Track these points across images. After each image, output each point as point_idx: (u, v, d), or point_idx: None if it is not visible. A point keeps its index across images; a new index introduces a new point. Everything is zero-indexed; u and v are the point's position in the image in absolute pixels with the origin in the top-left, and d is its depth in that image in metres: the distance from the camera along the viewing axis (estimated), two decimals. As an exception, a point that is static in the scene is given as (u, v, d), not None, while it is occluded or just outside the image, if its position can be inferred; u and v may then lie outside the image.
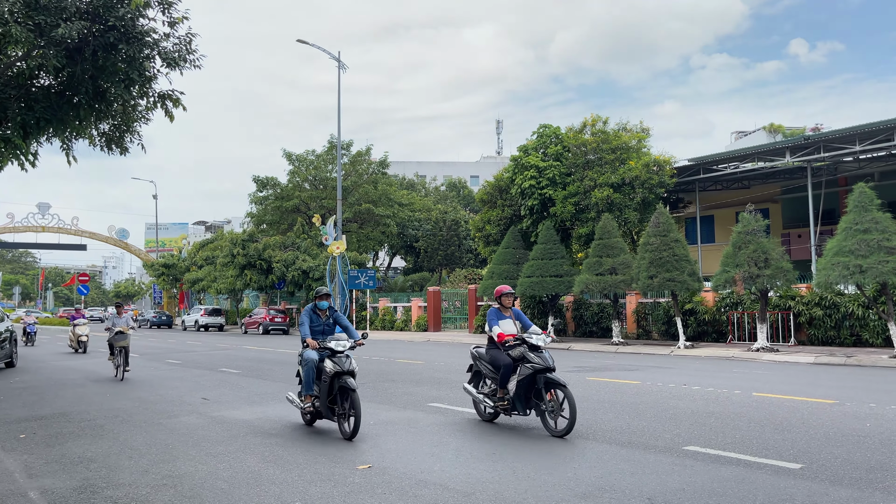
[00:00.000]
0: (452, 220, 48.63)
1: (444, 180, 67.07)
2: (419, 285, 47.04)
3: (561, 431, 7.69)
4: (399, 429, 8.43)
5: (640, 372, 15.05)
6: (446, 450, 7.21)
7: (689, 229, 35.59)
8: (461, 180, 66.34)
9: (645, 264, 22.21)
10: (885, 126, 24.13)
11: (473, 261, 48.60)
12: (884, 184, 29.14)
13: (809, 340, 21.49)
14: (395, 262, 60.73)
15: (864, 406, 9.69)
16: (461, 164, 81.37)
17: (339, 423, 7.95)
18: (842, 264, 17.52)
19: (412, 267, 53.84)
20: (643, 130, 29.12)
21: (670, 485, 5.74)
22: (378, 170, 46.66)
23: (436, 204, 53.00)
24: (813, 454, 6.71)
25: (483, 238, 32.58)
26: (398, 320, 38.39)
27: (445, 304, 37.12)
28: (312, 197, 46.16)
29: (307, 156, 46.88)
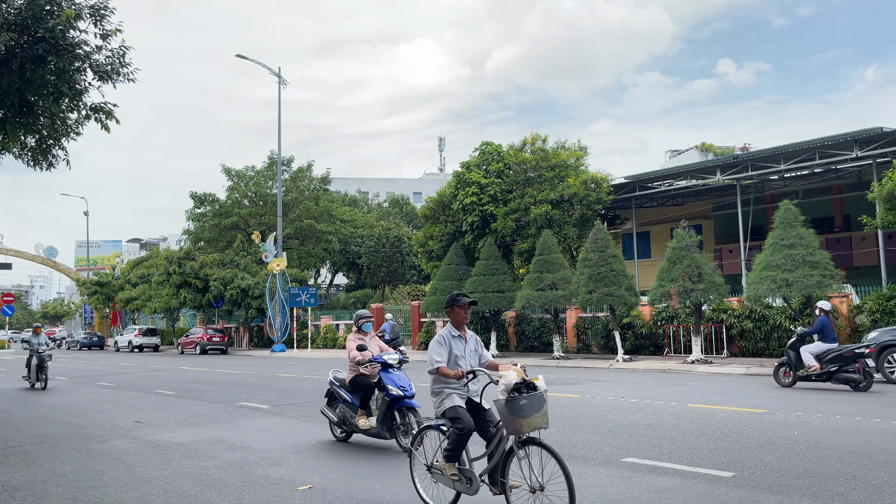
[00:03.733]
0: (395, 237, 48.56)
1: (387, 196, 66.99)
2: (362, 302, 46.70)
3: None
4: (342, 448, 8.33)
5: (580, 386, 15.28)
6: (390, 469, 7.15)
7: (626, 245, 36.47)
8: (404, 196, 66.38)
9: (584, 279, 22.62)
10: (808, 146, 25.33)
11: (417, 277, 48.57)
12: (807, 201, 30.53)
13: (741, 352, 22.22)
14: (338, 278, 60.17)
15: (792, 415, 10.07)
16: (404, 181, 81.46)
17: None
18: (769, 278, 18.23)
19: (355, 284, 53.44)
20: (581, 149, 29.79)
21: (609, 496, 5.83)
22: (320, 186, 46.29)
23: (378, 220, 52.87)
24: (744, 462, 6.94)
25: (426, 254, 32.64)
26: (340, 338, 37.95)
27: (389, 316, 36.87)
28: (252, 213, 45.42)
29: (247, 172, 46.17)
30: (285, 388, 15.98)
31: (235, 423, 10.57)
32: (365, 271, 49.49)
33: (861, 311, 19.91)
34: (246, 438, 9.18)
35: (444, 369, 5.51)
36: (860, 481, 6.08)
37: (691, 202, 34.95)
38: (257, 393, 15.05)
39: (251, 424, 10.44)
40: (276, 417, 11.16)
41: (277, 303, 37.78)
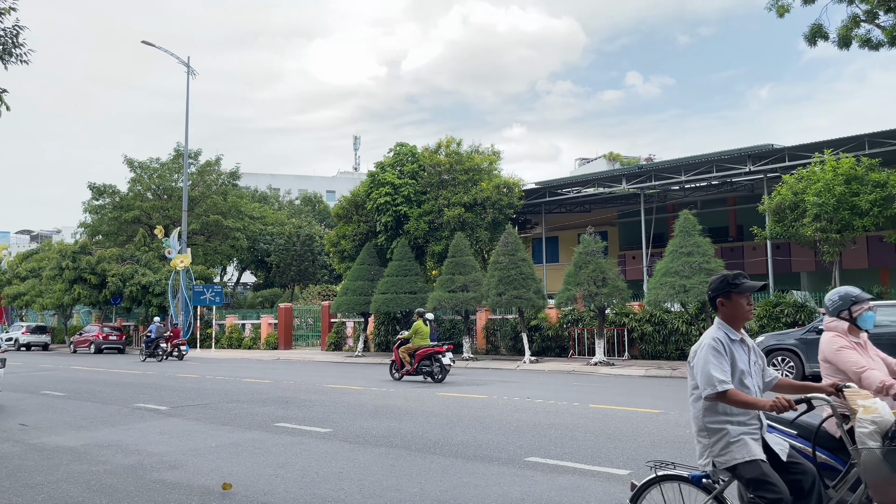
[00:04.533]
0: (307, 235, 47.77)
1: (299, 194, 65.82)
2: (270, 301, 45.68)
3: None
4: (243, 450, 8.11)
5: (487, 386, 15.50)
6: (292, 470, 7.02)
7: (535, 249, 37.31)
8: (317, 195, 65.41)
9: (494, 282, 22.99)
10: (706, 160, 26.72)
11: (328, 277, 47.95)
12: (705, 211, 32.18)
13: (641, 354, 23.16)
14: (245, 277, 58.60)
15: (686, 414, 10.56)
16: (317, 179, 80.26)
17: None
18: (669, 284, 19.10)
19: (263, 282, 52.20)
20: (494, 153, 30.27)
21: (512, 495, 5.94)
22: (228, 181, 44.97)
23: (290, 218, 51.85)
24: (640, 460, 7.23)
25: (338, 253, 32.28)
26: (246, 338, 36.99)
27: (297, 321, 36.28)
28: (155, 207, 43.61)
29: (151, 163, 44.30)
30: (186, 389, 15.42)
31: (130, 426, 10.11)
32: (274, 270, 48.42)
33: (750, 317, 21.11)
34: (142, 441, 8.80)
35: (739, 394, 3.60)
36: (744, 477, 6.45)
37: (598, 209, 36.13)
38: (155, 394, 14.46)
39: (148, 427, 10.01)
40: (175, 419, 10.75)
41: (180, 301, 36.40)
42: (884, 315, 14.56)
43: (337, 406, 12.02)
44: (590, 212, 36.29)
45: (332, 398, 13.31)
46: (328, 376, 19.08)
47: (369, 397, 13.43)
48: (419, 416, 10.64)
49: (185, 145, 38.41)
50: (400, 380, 17.33)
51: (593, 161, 56.31)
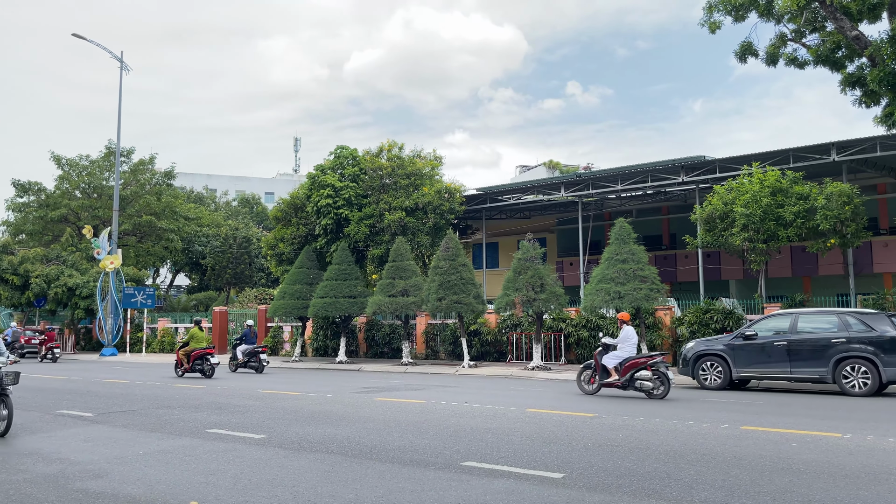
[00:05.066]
0: (244, 237, 46.82)
1: (237, 195, 64.55)
2: (205, 305, 44.56)
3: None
4: (173, 458, 7.87)
5: (425, 391, 15.50)
6: (223, 478, 6.86)
7: (476, 254, 37.55)
8: (255, 196, 64.26)
9: (435, 287, 23.02)
10: (642, 169, 27.45)
11: (265, 280, 47.09)
12: (640, 220, 33.04)
13: (577, 359, 23.54)
14: (179, 279, 57.02)
15: (619, 418, 10.81)
16: (256, 180, 78.86)
17: None
18: (604, 290, 19.51)
19: (198, 285, 50.88)
20: (436, 158, 30.35)
21: (447, 500, 5.95)
22: (163, 180, 43.70)
23: (226, 219, 50.76)
24: (574, 463, 7.34)
25: (276, 256, 31.75)
26: (179, 341, 35.92)
27: (233, 324, 35.49)
28: (84, 206, 42.01)
29: (80, 161, 42.69)
30: (114, 395, 14.88)
31: (53, 433, 9.68)
32: (209, 272, 47.27)
33: (682, 323, 21.78)
34: (64, 449, 8.44)
35: None
36: (673, 479, 6.63)
37: (538, 216, 36.64)
38: (81, 400, 13.90)
39: (72, 434, 9.61)
40: (101, 426, 10.35)
41: (109, 303, 35.12)
42: (806, 322, 15.22)
43: (272, 412, 11.81)
44: (529, 218, 36.77)
45: (268, 404, 13.06)
46: (264, 382, 18.73)
47: (306, 403, 13.24)
48: (356, 422, 10.54)
49: (117, 143, 37.14)
50: (182, 377, 20.03)
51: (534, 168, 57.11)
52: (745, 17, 17.96)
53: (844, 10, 16.60)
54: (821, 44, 17.62)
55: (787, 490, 6.18)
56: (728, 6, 17.82)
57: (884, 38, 15.13)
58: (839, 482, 6.46)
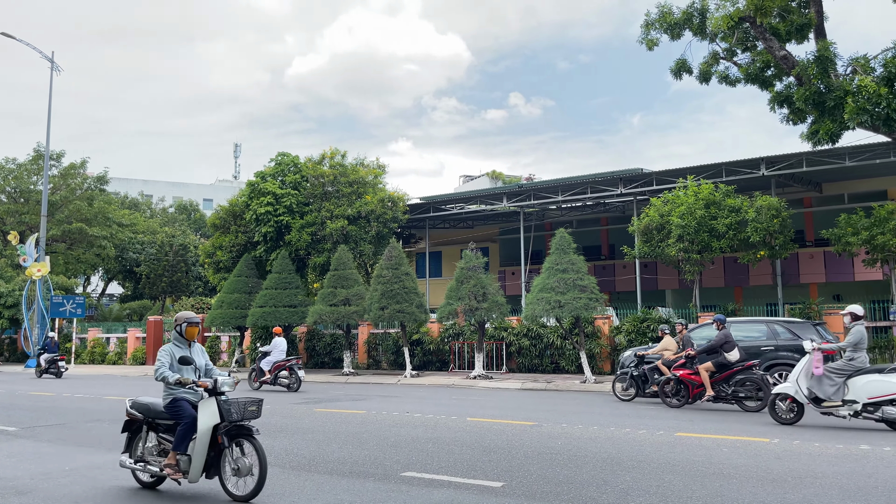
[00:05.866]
0: (181, 245, 45.57)
1: (174, 202, 62.83)
2: (139, 314, 43.17)
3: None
4: (102, 473, 7.57)
5: (367, 401, 15.36)
6: (161, 495, 6.62)
7: (419, 263, 37.53)
8: (193, 203, 62.69)
9: (377, 296, 22.88)
10: (582, 181, 27.98)
11: (203, 289, 45.93)
12: (580, 230, 33.62)
13: (519, 368, 23.75)
14: (112, 288, 55.10)
15: (558, 426, 10.93)
16: (193, 186, 76.99)
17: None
18: (545, 300, 19.74)
19: (131, 294, 49.26)
20: (379, 167, 30.23)
21: (386, 511, 5.89)
22: (95, 185, 42.21)
23: (162, 226, 49.32)
24: (513, 472, 7.38)
25: (214, 265, 31.01)
26: (111, 353, 34.70)
27: (168, 335, 34.46)
28: (10, 211, 40.22)
29: (6, 164, 40.88)
30: (40, 409, 14.24)
31: (-29, 450, 9.19)
32: (144, 281, 45.81)
33: (620, 332, 22.23)
34: (-17, 467, 8.01)
35: None
36: (610, 486, 6.74)
37: (480, 226, 36.89)
38: (3, 414, 13.25)
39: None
40: (25, 441, 9.89)
41: (36, 312, 33.66)
42: (737, 331, 15.73)
43: (208, 424, 11.48)
44: (473, 228, 36.98)
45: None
46: (200, 393, 18.21)
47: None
48: (294, 433, 10.36)
49: (46, 145, 35.73)
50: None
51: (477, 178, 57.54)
52: (681, 36, 18.51)
53: (773, 30, 17.30)
54: (751, 63, 18.28)
55: (718, 494, 6.36)
56: (664, 24, 18.32)
57: (810, 58, 15.81)
58: (767, 486, 6.68)
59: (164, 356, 6.76)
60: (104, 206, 42.08)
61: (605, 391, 17.78)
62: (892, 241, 19.55)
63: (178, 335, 6.98)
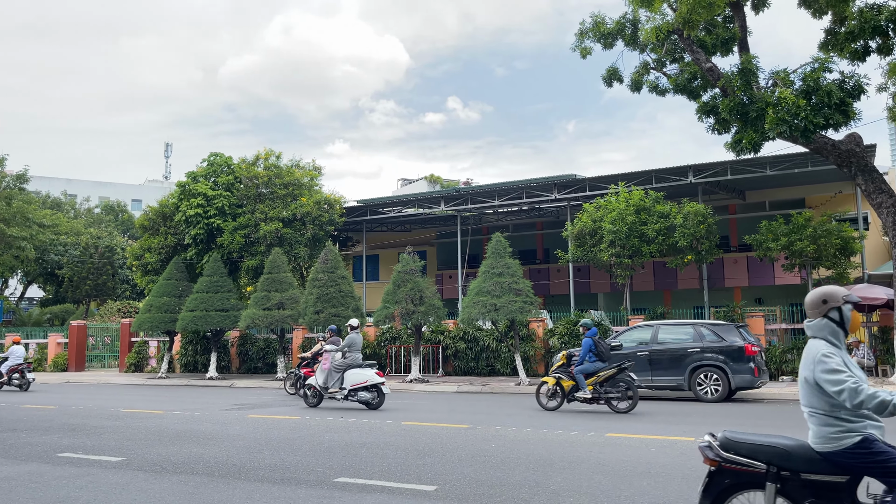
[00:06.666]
0: (107, 247, 43.88)
1: (100, 202, 60.57)
2: (61, 319, 41.34)
3: None
4: (18, 485, 7.21)
5: (299, 407, 15.13)
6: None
7: (356, 267, 37.25)
8: (121, 203, 60.55)
9: (312, 300, 22.59)
10: (518, 186, 28.34)
11: (130, 292, 44.35)
12: (516, 235, 34.01)
13: (455, 371, 23.84)
14: (32, 291, 52.61)
15: (492, 429, 11.02)
16: (122, 186, 74.37)
17: None
18: (481, 303, 19.90)
19: (53, 297, 47.14)
20: (315, 169, 29.90)
21: (317, 518, 5.80)
22: (14, 184, 40.17)
23: (87, 228, 47.41)
24: (447, 476, 7.39)
25: (142, 267, 29.99)
26: (30, 359, 33.07)
27: (92, 340, 33.16)
28: (-80, 210, 37.88)
29: (-83, 160, 38.53)
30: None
31: None
32: (67, 284, 43.88)
33: (553, 335, 22.59)
34: None
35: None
36: (542, 487, 6.82)
37: (418, 229, 36.89)
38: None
39: None
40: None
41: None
42: (665, 333, 16.22)
43: (132, 432, 11.10)
44: (410, 231, 36.95)
45: (128, 424, 12.27)
46: (125, 400, 17.59)
47: (170, 421, 12.56)
48: (224, 441, 10.11)
49: (-40, 141, 33.86)
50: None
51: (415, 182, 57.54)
52: (613, 45, 19.01)
53: (700, 43, 17.95)
54: (679, 73, 18.93)
55: (645, 493, 6.53)
56: (598, 34, 18.78)
57: (734, 70, 16.47)
58: (692, 483, 6.88)
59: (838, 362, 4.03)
60: (24, 206, 40.09)
61: (539, 393, 18.03)
62: (808, 247, 20.51)
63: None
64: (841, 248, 20.70)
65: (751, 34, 18.12)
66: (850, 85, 15.49)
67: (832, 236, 20.55)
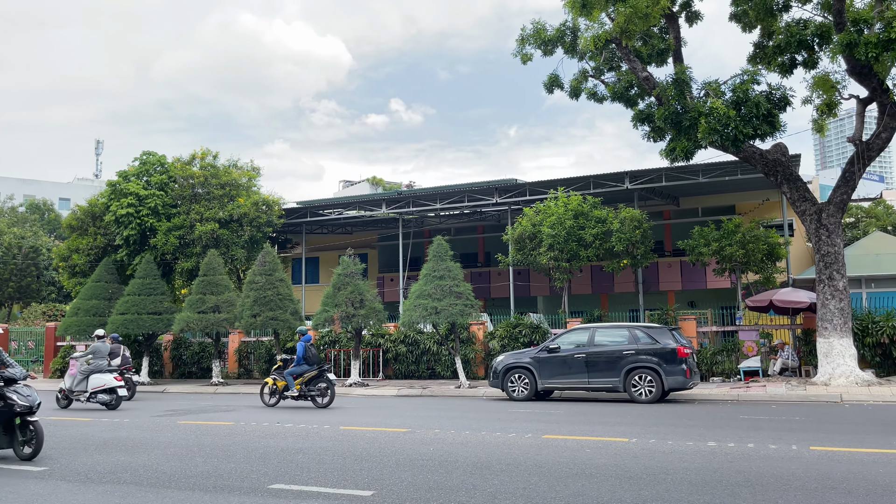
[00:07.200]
0: (31, 247, 41.96)
1: (25, 200, 57.98)
2: (-20, 322, 39.33)
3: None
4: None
5: (236, 412, 14.80)
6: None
7: (295, 269, 36.67)
8: (47, 202, 58.10)
9: (249, 303, 22.15)
10: (460, 190, 28.45)
11: (56, 295, 42.54)
12: (458, 238, 34.12)
13: (395, 374, 23.75)
14: (-51, 293, 49.86)
15: (431, 432, 11.00)
16: (48, 184, 71.39)
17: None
18: (422, 306, 19.87)
19: (-28, 300, 44.81)
20: (254, 169, 29.34)
21: (250, 527, 5.67)
22: (-69, 180, 38.13)
23: (10, 227, 45.28)
24: (384, 480, 7.33)
25: (69, 269, 28.81)
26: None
27: (15, 344, 31.66)
28: None
29: None
30: None
31: None
32: (-12, 285, 41.80)
33: (494, 337, 22.74)
34: None
35: None
36: (479, 490, 6.84)
37: (360, 232, 36.61)
38: None
39: None
40: None
41: None
42: (602, 336, 16.53)
43: (56, 441, 10.62)
44: (351, 234, 36.63)
45: (51, 432, 11.72)
46: (48, 406, 16.83)
47: (97, 429, 12.09)
48: (155, 448, 9.79)
49: None
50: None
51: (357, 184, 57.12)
52: (553, 52, 19.33)
53: (637, 52, 18.43)
54: (617, 82, 19.38)
55: (580, 494, 6.62)
56: (538, 40, 19.07)
57: (669, 80, 16.97)
58: (625, 484, 7.02)
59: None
60: (-59, 204, 38.09)
61: (479, 396, 18.13)
62: (738, 252, 21.25)
63: None
64: (768, 253, 21.52)
65: (685, 45, 18.70)
66: (776, 97, 16.16)
67: (760, 242, 21.34)
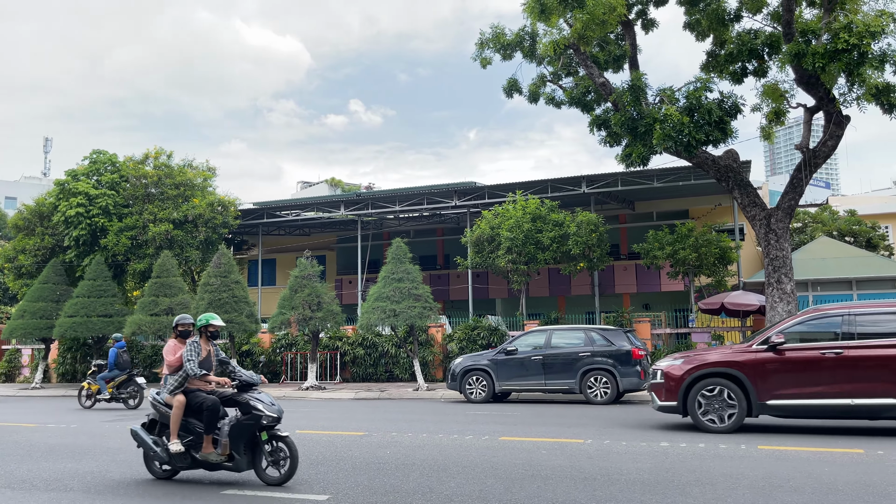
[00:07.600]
0: (-25, 247, 40.58)
1: (-32, 199, 55.96)
2: (-80, 325, 37.83)
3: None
4: None
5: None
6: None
7: (251, 271, 36.18)
8: (-8, 201, 56.18)
9: (204, 305, 21.75)
10: (419, 192, 28.45)
11: (1, 297, 41.17)
12: (416, 240, 34.09)
13: (353, 377, 23.60)
14: None
15: (388, 435, 10.95)
16: (-6, 182, 69.03)
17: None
18: (380, 309, 19.80)
19: (-90, 302, 43.06)
20: (209, 169, 28.88)
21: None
22: None
23: (-47, 226, 43.68)
24: (340, 484, 7.28)
25: (14, 270, 27.92)
26: None
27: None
28: None
29: None
30: None
31: None
32: (-72, 287, 40.23)
33: (452, 340, 22.79)
34: None
35: None
36: (435, 493, 6.83)
37: (318, 233, 36.31)
38: None
39: None
40: None
41: None
42: (558, 338, 16.69)
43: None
44: (309, 235, 36.31)
45: None
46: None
47: (44, 435, 11.72)
48: (104, 454, 9.54)
49: None
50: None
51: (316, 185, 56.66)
52: (512, 57, 19.47)
53: (594, 58, 18.69)
54: (575, 87, 19.62)
55: (536, 495, 6.66)
56: (497, 45, 19.18)
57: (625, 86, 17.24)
58: (580, 485, 7.10)
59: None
60: None
61: (437, 398, 18.13)
62: (691, 255, 21.71)
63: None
64: (720, 257, 22.03)
65: (641, 52, 19.03)
66: (728, 104, 16.55)
67: (712, 246, 21.84)
